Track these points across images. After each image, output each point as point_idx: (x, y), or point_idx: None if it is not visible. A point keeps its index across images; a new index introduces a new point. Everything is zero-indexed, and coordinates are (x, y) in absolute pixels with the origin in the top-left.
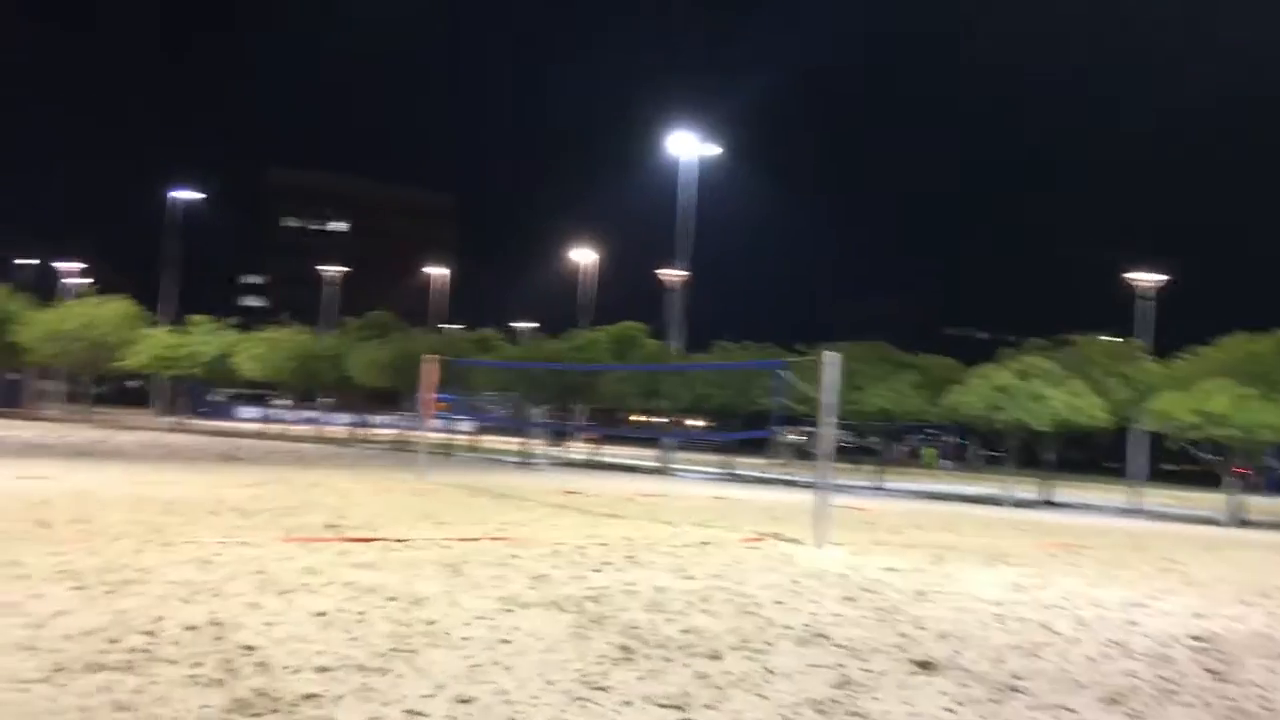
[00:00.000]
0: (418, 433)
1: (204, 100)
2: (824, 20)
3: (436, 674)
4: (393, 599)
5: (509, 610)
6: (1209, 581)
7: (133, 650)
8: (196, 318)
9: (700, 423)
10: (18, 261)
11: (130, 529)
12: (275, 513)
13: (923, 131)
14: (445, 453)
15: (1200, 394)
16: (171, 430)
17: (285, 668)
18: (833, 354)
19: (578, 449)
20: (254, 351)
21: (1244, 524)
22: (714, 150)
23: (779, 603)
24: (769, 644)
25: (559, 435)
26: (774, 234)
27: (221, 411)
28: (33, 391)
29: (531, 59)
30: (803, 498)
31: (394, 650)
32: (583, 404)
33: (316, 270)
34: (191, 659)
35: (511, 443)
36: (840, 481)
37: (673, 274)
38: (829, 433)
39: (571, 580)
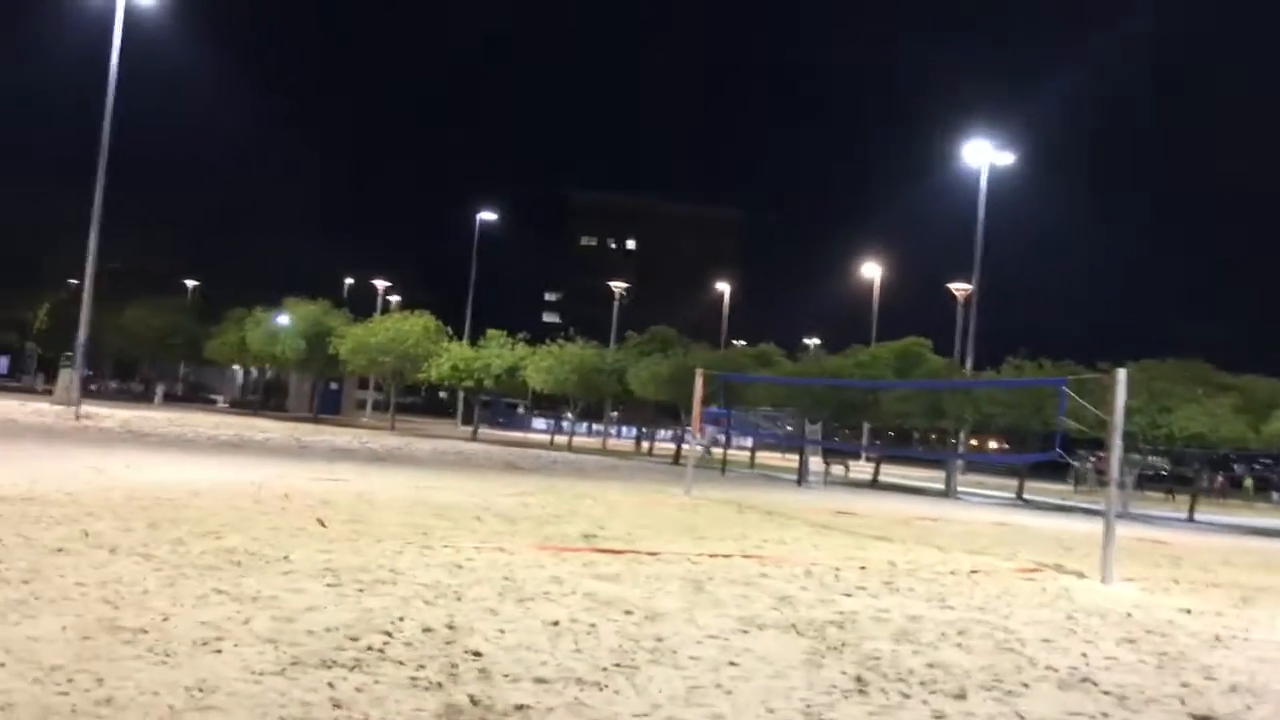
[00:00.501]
0: (686, 447)
1: (516, 128)
2: (1135, 20)
3: (654, 693)
4: (628, 612)
5: (744, 631)
6: None
7: (367, 649)
8: (492, 332)
9: (993, 444)
10: (347, 280)
11: (398, 531)
12: (537, 521)
13: (1245, 132)
14: (719, 468)
15: None
16: (467, 439)
17: (505, 676)
18: (1122, 372)
19: (860, 468)
20: (541, 365)
21: None
22: (1008, 158)
23: (1046, 641)
24: (1025, 686)
25: (837, 454)
26: (1074, 245)
27: (517, 422)
28: (351, 400)
29: (819, 70)
30: (1097, 528)
31: (617, 665)
32: (863, 422)
33: (608, 286)
34: (418, 661)
35: (789, 460)
36: (1147, 512)
37: (962, 287)
38: (1117, 457)
39: (818, 603)
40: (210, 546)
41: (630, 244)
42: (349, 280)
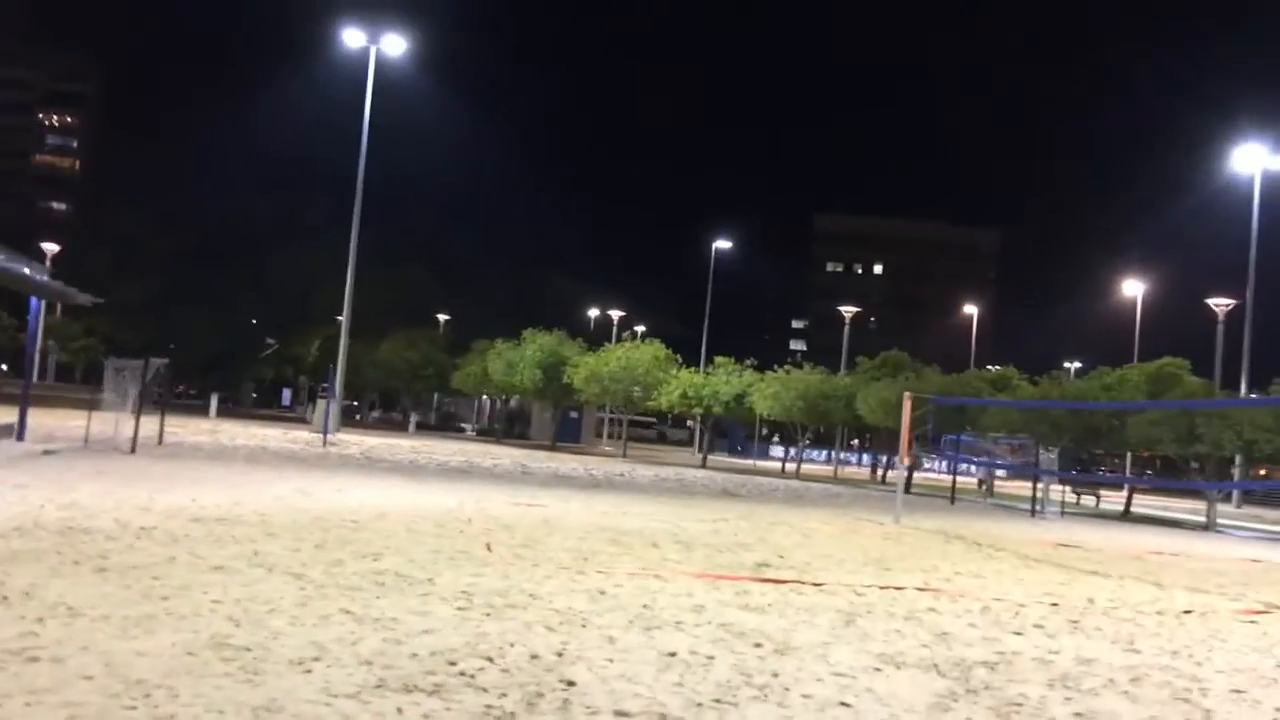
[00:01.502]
0: (895, 474)
1: (765, 154)
2: None
3: None
4: (758, 645)
5: (877, 669)
6: None
7: (461, 674)
8: (720, 359)
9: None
10: (591, 312)
11: (562, 556)
12: (716, 548)
13: None
14: (946, 497)
15: None
16: (698, 467)
17: (587, 707)
18: None
19: (1109, 498)
20: (767, 391)
21: None
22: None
23: (1236, 692)
24: None
25: (1083, 483)
26: None
27: (753, 450)
28: (591, 428)
29: (1075, 84)
30: None
31: (716, 701)
32: (1108, 448)
33: (862, 313)
34: (504, 689)
35: (1024, 489)
36: None
37: (1222, 302)
38: None
39: (980, 642)
40: (364, 568)
41: (877, 268)
42: (593, 311)
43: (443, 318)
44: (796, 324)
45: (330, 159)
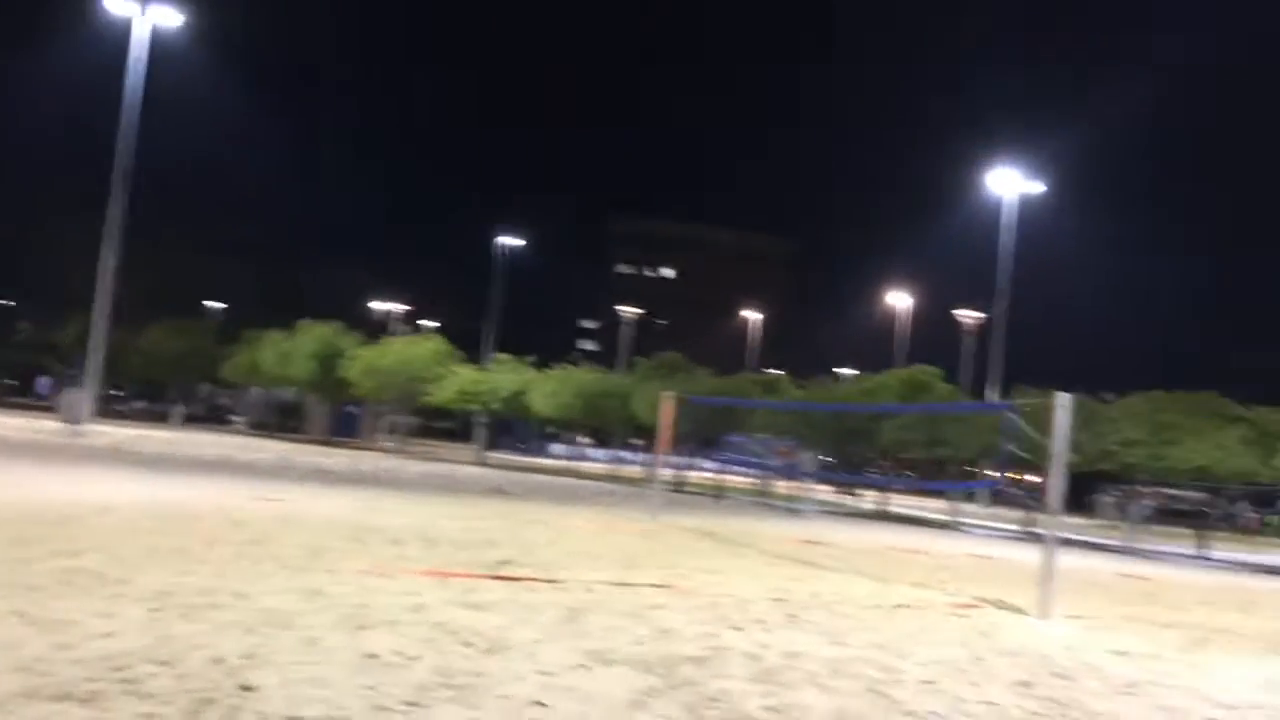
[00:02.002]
0: (654, 472)
1: (555, 152)
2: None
3: None
4: (468, 644)
5: (585, 667)
6: None
7: (125, 681)
8: (500, 356)
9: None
10: (377, 305)
11: (291, 553)
12: (460, 545)
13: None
14: (715, 495)
15: None
16: (475, 464)
17: (258, 714)
18: (1065, 396)
19: (873, 498)
20: (545, 389)
21: None
22: (1037, 188)
23: (928, 683)
24: None
25: (838, 482)
26: (1106, 275)
27: (536, 448)
28: (372, 424)
29: (857, 100)
30: (1093, 564)
31: (407, 704)
32: (864, 450)
33: (647, 315)
34: (171, 696)
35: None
36: (1159, 548)
37: (971, 315)
38: (1058, 486)
39: (698, 638)
40: (56, 566)
41: (670, 272)
42: (382, 306)
43: (217, 305)
44: (589, 324)
45: (95, 134)
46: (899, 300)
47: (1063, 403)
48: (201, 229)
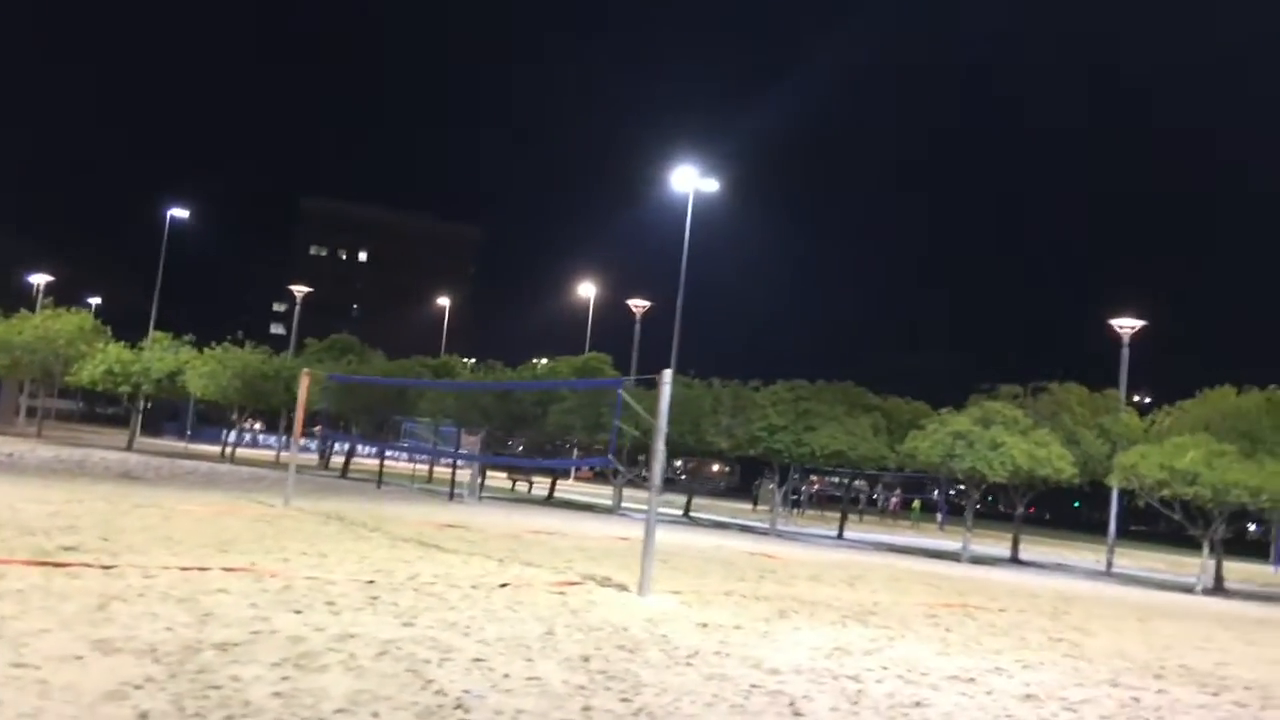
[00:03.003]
0: (287, 455)
1: (248, 127)
2: (840, 57)
3: None
4: None
5: (79, 658)
6: (1100, 657)
7: None
8: (157, 334)
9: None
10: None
11: None
12: (29, 531)
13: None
14: (379, 481)
15: (1171, 449)
16: (121, 450)
17: None
18: (668, 373)
19: (542, 484)
20: (203, 370)
21: (1221, 592)
22: (712, 185)
23: (478, 660)
24: (347, 709)
25: (501, 466)
26: (778, 270)
27: (201, 434)
28: (8, 404)
29: (552, 89)
30: (732, 544)
31: None
32: (534, 435)
33: (340, 297)
34: None
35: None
36: (807, 530)
37: (639, 303)
38: (660, 461)
39: (242, 623)
40: None
41: (363, 255)
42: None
43: None
44: (278, 307)
45: None
46: (586, 290)
47: (665, 379)
48: None
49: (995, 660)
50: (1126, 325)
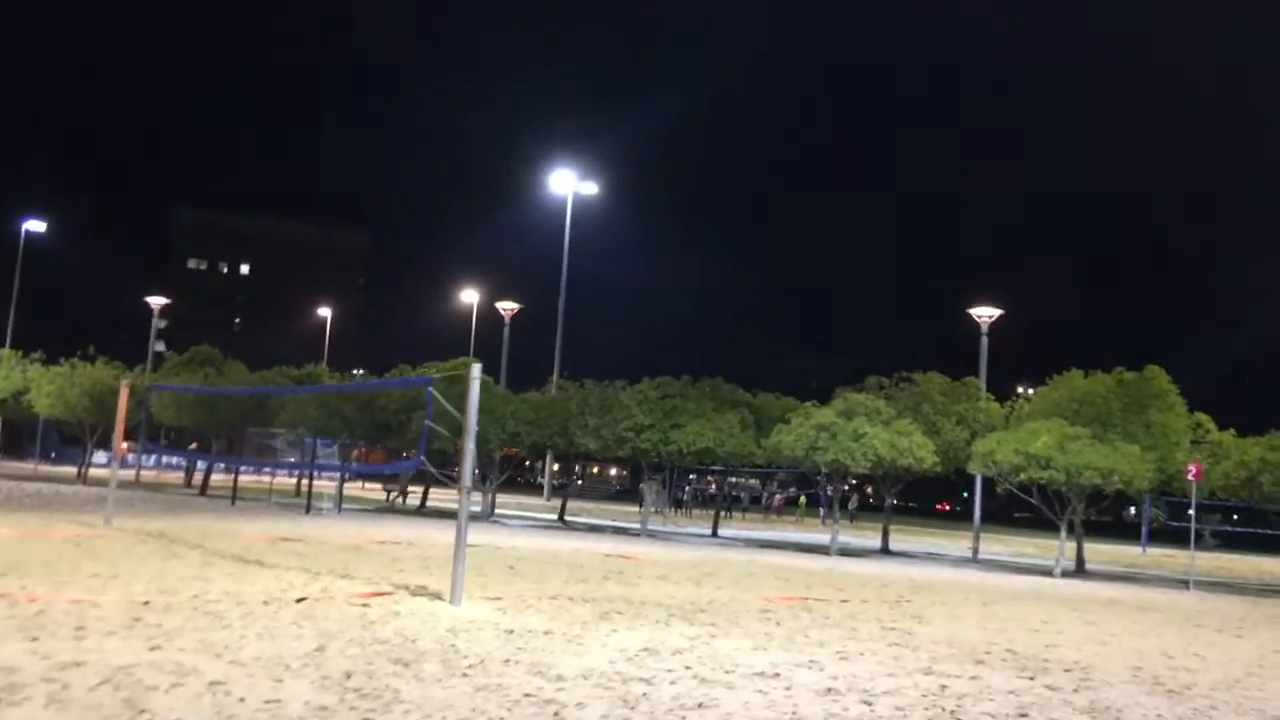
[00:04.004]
0: (109, 471)
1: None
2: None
3: None
4: None
5: None
6: (927, 644)
7: None
8: (4, 352)
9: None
10: None
11: None
12: None
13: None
14: (246, 498)
15: (1025, 435)
16: None
17: None
18: (476, 366)
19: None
20: (48, 388)
21: (1081, 574)
22: (591, 188)
23: (216, 684)
24: None
25: (366, 476)
26: (663, 272)
27: (65, 454)
28: None
29: (432, 94)
30: (590, 546)
31: None
32: (399, 445)
33: (221, 311)
34: None
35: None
36: (689, 530)
37: (509, 306)
38: (470, 460)
39: None
40: None
41: (244, 267)
42: None
43: None
44: (159, 324)
45: None
46: (468, 295)
47: (474, 375)
48: None
49: (814, 654)
50: (985, 314)
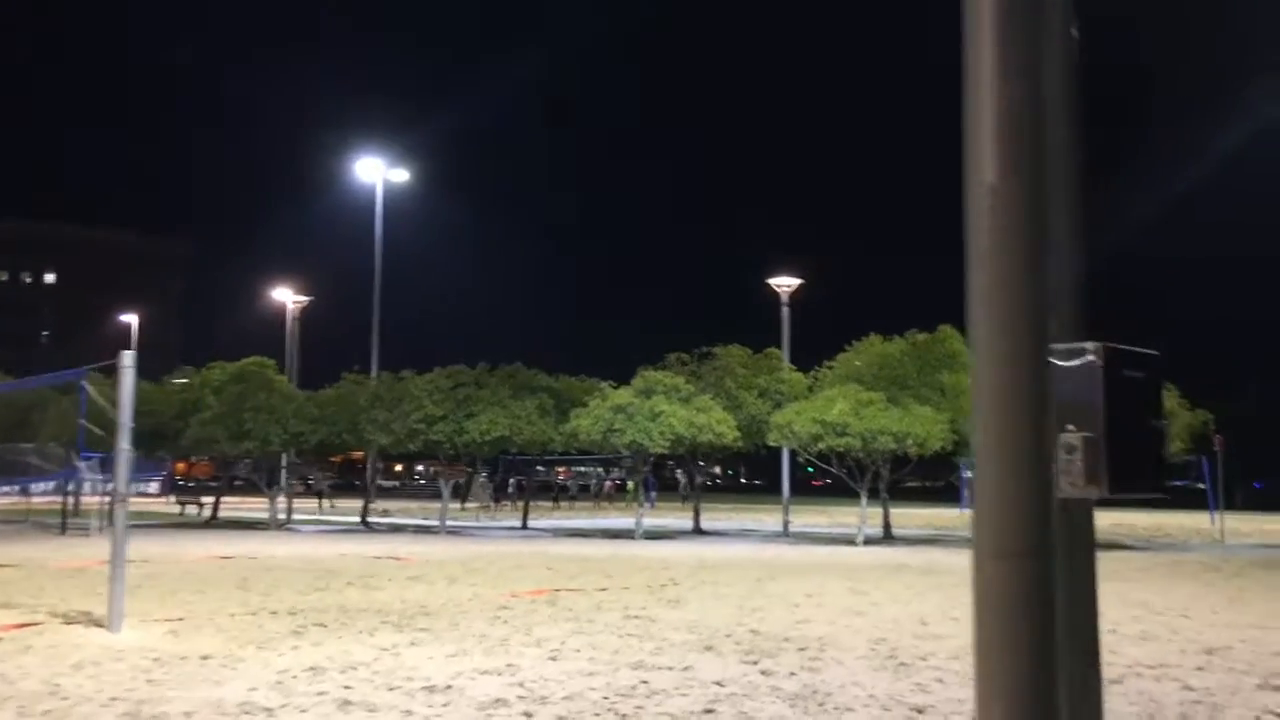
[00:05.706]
0: None
1: None
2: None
3: None
4: None
5: None
6: (666, 631)
7: None
8: None
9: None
10: None
11: None
12: None
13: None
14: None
15: (821, 403)
16: None
17: None
18: (129, 354)
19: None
20: None
21: (888, 540)
22: (402, 175)
23: None
24: None
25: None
26: (477, 261)
27: None
28: None
29: (236, 85)
30: (383, 548)
31: None
32: (174, 452)
33: (27, 327)
34: None
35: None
36: (480, 524)
37: (298, 299)
38: (126, 463)
39: None
40: None
41: (50, 278)
42: None
43: None
44: None
45: None
46: (284, 295)
47: (126, 362)
48: None
49: (518, 656)
50: (785, 284)
